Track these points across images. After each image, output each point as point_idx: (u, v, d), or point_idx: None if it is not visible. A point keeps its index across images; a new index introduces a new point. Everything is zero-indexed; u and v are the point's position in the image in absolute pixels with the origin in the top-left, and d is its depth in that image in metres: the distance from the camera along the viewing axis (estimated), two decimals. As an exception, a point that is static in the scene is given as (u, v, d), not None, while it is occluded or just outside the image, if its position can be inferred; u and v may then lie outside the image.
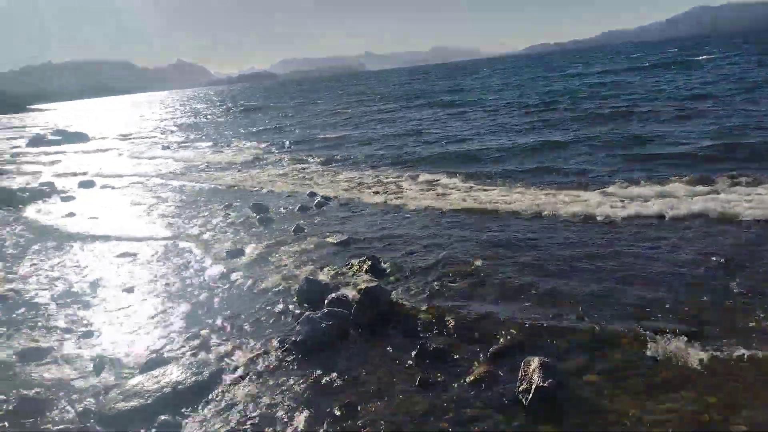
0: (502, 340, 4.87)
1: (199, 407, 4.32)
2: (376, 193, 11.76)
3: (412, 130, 21.89)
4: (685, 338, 4.52)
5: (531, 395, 3.83)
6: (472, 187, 11.40)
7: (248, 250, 8.32)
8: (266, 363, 4.92)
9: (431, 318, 5.45)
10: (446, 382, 4.35)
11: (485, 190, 11.00)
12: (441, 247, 7.58)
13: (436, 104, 32.73)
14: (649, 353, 4.41)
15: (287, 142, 22.80)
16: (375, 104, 39.38)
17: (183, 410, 4.28)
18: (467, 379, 4.32)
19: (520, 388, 3.96)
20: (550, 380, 3.83)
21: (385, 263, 7.08)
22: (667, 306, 5.21)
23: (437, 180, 12.45)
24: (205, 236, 9.42)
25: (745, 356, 4.23)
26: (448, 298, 5.90)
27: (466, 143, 17.30)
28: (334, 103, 46.36)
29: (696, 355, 4.29)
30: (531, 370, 3.98)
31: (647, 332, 4.68)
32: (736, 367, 4.14)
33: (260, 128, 31.16)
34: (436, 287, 6.20)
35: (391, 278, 6.64)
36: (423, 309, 5.66)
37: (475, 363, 4.56)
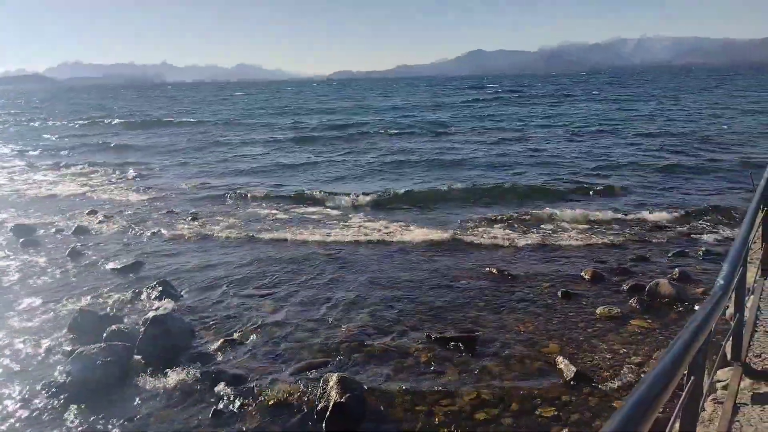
0: (305, 358, 4.80)
1: None
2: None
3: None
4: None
5: (329, 412, 3.82)
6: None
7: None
8: (25, 413, 4.09)
9: (229, 342, 5.14)
10: (244, 409, 4.11)
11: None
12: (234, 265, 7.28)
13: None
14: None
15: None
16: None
17: None
18: (267, 403, 4.14)
19: (319, 407, 3.92)
20: (347, 395, 3.87)
21: (179, 288, 6.51)
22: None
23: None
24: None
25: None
26: (247, 320, 5.65)
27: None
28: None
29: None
30: (330, 387, 3.97)
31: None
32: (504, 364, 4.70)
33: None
34: (235, 310, 5.90)
35: (186, 303, 6.13)
36: (220, 333, 5.32)
37: (277, 384, 4.40)
